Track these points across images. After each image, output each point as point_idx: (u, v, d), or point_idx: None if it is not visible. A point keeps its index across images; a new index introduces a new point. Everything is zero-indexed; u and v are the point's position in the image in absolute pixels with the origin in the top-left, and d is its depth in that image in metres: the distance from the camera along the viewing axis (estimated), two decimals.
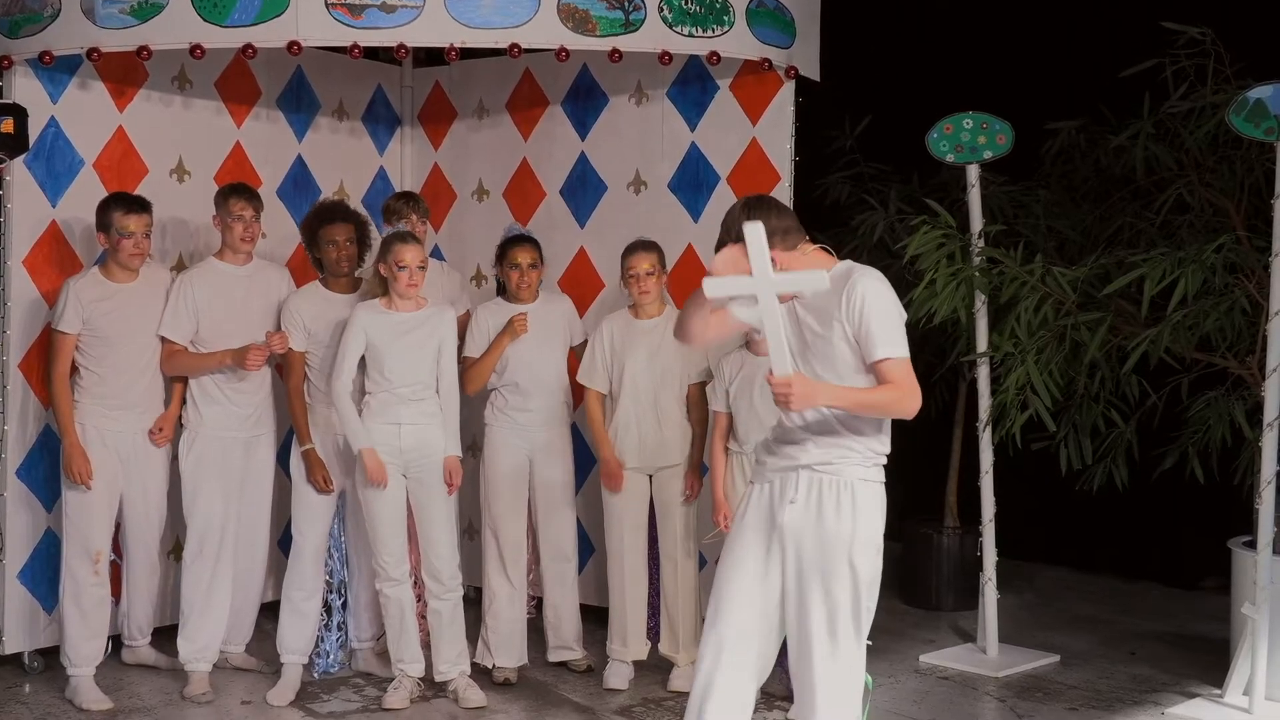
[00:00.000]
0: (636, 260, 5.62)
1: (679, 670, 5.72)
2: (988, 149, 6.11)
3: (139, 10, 5.41)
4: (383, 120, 7.13)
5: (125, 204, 5.47)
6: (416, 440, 5.42)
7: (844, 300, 3.74)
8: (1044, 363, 5.74)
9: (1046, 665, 6.15)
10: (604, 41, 5.69)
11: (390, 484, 5.41)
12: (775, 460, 3.88)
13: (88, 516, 5.50)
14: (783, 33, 6.05)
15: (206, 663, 5.65)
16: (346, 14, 5.45)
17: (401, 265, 5.33)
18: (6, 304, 5.67)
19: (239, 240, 5.62)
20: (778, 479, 3.87)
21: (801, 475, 3.81)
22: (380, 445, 5.39)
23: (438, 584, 5.50)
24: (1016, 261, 5.83)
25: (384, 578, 5.48)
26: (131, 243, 5.44)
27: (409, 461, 5.43)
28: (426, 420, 5.44)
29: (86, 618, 5.51)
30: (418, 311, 5.43)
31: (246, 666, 5.90)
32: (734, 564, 3.88)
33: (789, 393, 3.57)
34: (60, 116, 5.81)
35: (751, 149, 6.18)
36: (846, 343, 3.75)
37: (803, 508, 3.79)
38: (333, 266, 5.66)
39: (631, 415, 5.64)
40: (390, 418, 5.40)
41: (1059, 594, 7.54)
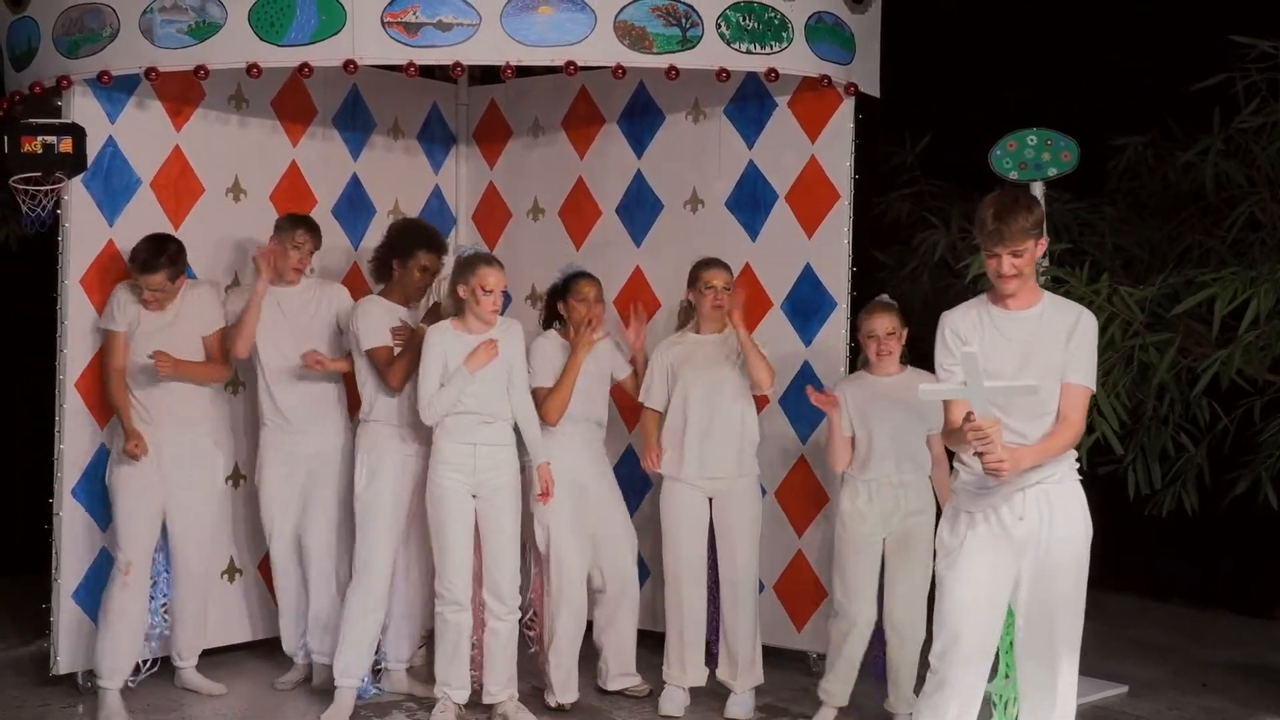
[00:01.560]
0: (714, 274, 5.58)
1: (735, 698, 5.61)
2: (1052, 166, 5.99)
3: (197, 30, 5.43)
4: (438, 139, 7.12)
5: (140, 262, 5.49)
6: (491, 461, 5.37)
7: (1073, 327, 4.16)
8: (1111, 385, 5.62)
9: (1115, 696, 5.99)
10: (661, 59, 5.63)
11: (459, 506, 5.35)
12: (1001, 487, 4.15)
13: (127, 527, 5.53)
14: (842, 49, 5.97)
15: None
16: (403, 32, 5.43)
17: (486, 289, 5.29)
18: (64, 323, 5.69)
19: (291, 269, 5.69)
20: (1005, 504, 4.17)
21: (1029, 493, 4.15)
22: (454, 465, 5.34)
23: (499, 604, 5.44)
24: (1082, 281, 5.71)
25: (446, 600, 5.41)
26: (149, 295, 5.53)
27: (481, 482, 5.37)
28: (500, 441, 5.39)
29: (112, 629, 5.51)
30: (489, 331, 5.38)
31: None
32: (968, 586, 4.19)
33: (1003, 467, 4.01)
34: (118, 136, 5.83)
35: (810, 167, 6.10)
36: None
37: (1038, 519, 4.15)
38: (413, 291, 5.69)
39: (687, 431, 5.56)
40: (466, 438, 5.34)
41: (1127, 622, 7.36)
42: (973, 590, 4.18)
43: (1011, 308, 4.20)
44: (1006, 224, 4.07)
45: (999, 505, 4.18)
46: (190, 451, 5.66)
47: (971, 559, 4.20)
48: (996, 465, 4.00)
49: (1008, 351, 4.16)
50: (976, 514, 4.22)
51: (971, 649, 4.19)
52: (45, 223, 5.64)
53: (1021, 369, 4.12)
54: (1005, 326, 4.19)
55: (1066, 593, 4.21)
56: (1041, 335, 4.16)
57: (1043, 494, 4.16)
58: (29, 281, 6.61)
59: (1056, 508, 4.17)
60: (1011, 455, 4.02)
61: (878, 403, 5.33)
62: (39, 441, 5.89)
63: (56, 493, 5.70)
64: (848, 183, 6.00)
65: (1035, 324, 4.17)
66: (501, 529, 5.42)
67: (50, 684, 5.80)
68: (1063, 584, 4.19)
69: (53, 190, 5.59)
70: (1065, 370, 4.13)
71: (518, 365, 5.45)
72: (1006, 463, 3.99)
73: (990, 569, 4.18)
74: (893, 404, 5.29)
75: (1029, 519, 4.15)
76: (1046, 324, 4.17)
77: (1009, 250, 4.09)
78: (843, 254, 6.01)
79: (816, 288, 6.03)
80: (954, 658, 4.20)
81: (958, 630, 4.19)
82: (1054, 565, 4.17)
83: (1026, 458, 4.07)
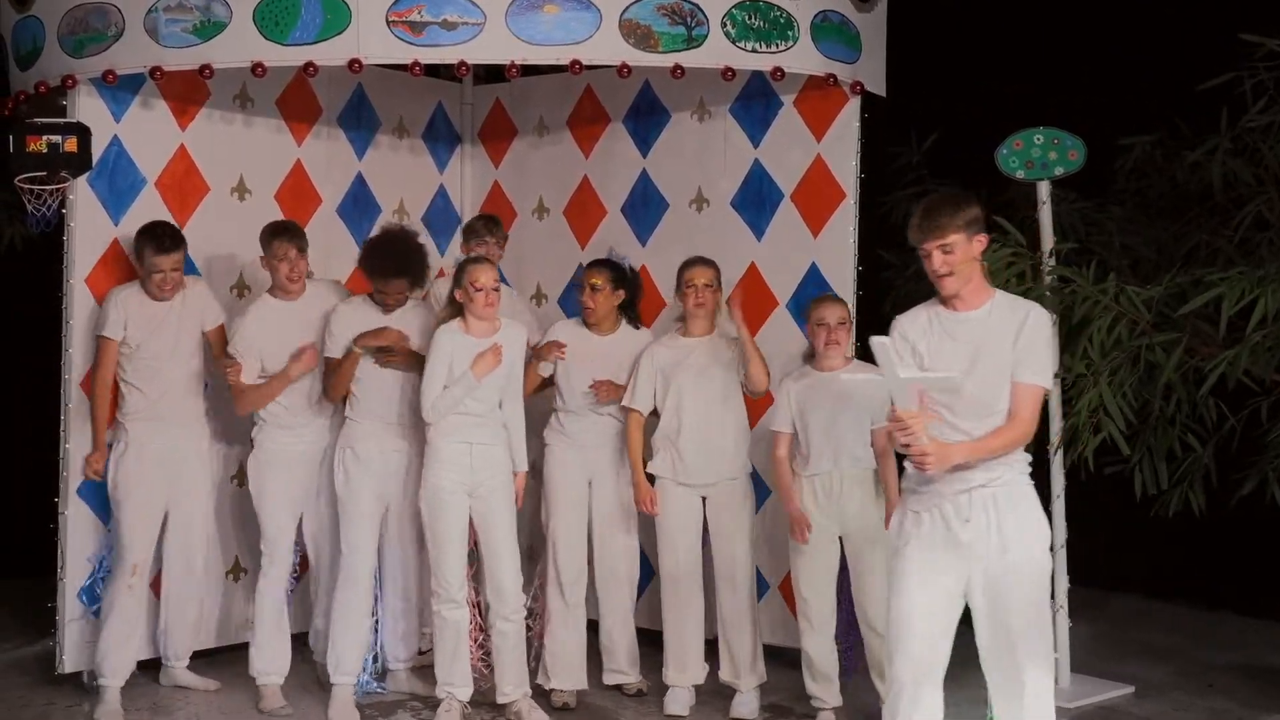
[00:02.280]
0: (696, 273, 5.55)
1: (740, 697, 5.61)
2: (1059, 165, 5.97)
3: (201, 29, 5.42)
4: (443, 138, 7.11)
5: (156, 241, 5.49)
6: (486, 460, 5.38)
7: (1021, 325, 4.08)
8: (1117, 384, 5.59)
9: (1120, 696, 5.98)
10: (666, 58, 5.62)
11: (455, 504, 5.35)
12: (944, 486, 4.10)
13: (129, 529, 5.52)
14: (848, 47, 5.95)
15: (279, 675, 5.63)
16: (408, 31, 5.42)
17: (478, 287, 5.29)
18: (69, 322, 5.70)
19: (285, 280, 5.62)
20: (949, 503, 4.10)
21: (975, 495, 4.08)
22: (450, 464, 5.34)
23: (503, 604, 5.44)
24: (1089, 280, 5.69)
25: (443, 598, 5.41)
26: (160, 278, 5.50)
27: (478, 482, 5.38)
28: (495, 440, 5.40)
29: (115, 628, 5.51)
30: (495, 335, 5.38)
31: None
32: (914, 586, 4.13)
33: (928, 462, 3.95)
34: (123, 135, 5.83)
35: (816, 166, 6.08)
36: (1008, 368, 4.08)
37: (985, 524, 4.07)
38: (394, 302, 5.60)
39: (680, 433, 5.55)
40: (463, 438, 5.34)
41: (1133, 623, 7.34)
42: (911, 599, 4.12)
43: (959, 309, 4.14)
44: (930, 218, 4.03)
45: (943, 504, 4.10)
46: (194, 451, 5.68)
47: (915, 560, 4.13)
48: (920, 458, 3.93)
49: (956, 353, 4.09)
50: (922, 513, 4.15)
51: (919, 656, 4.12)
52: (50, 222, 5.65)
53: (970, 371, 4.06)
54: (952, 328, 4.13)
55: (1022, 602, 4.08)
56: (989, 335, 4.08)
57: (989, 497, 4.07)
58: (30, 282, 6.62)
59: (1004, 512, 4.07)
60: (940, 449, 3.95)
61: (815, 395, 5.35)
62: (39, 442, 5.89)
63: (62, 492, 5.71)
64: (853, 182, 5.99)
65: (983, 324, 4.10)
66: (498, 528, 5.42)
67: (55, 683, 5.81)
68: (1017, 593, 4.07)
69: (58, 189, 5.59)
70: (1014, 368, 4.04)
71: (516, 368, 5.46)
72: (931, 456, 3.92)
73: (935, 571, 4.10)
74: (831, 397, 5.29)
75: (974, 522, 4.06)
76: (995, 323, 4.09)
77: (936, 245, 4.03)
78: (848, 253, 6.00)
79: (822, 287, 6.01)
80: (903, 665, 4.14)
81: (900, 638, 4.14)
82: (1006, 573, 4.06)
83: (958, 453, 4.00)
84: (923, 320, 4.20)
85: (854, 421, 5.28)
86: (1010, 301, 4.18)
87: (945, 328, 4.14)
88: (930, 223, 4.04)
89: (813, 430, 5.33)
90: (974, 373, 4.06)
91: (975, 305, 4.13)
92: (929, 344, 4.14)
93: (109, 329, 5.52)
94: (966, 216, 4.07)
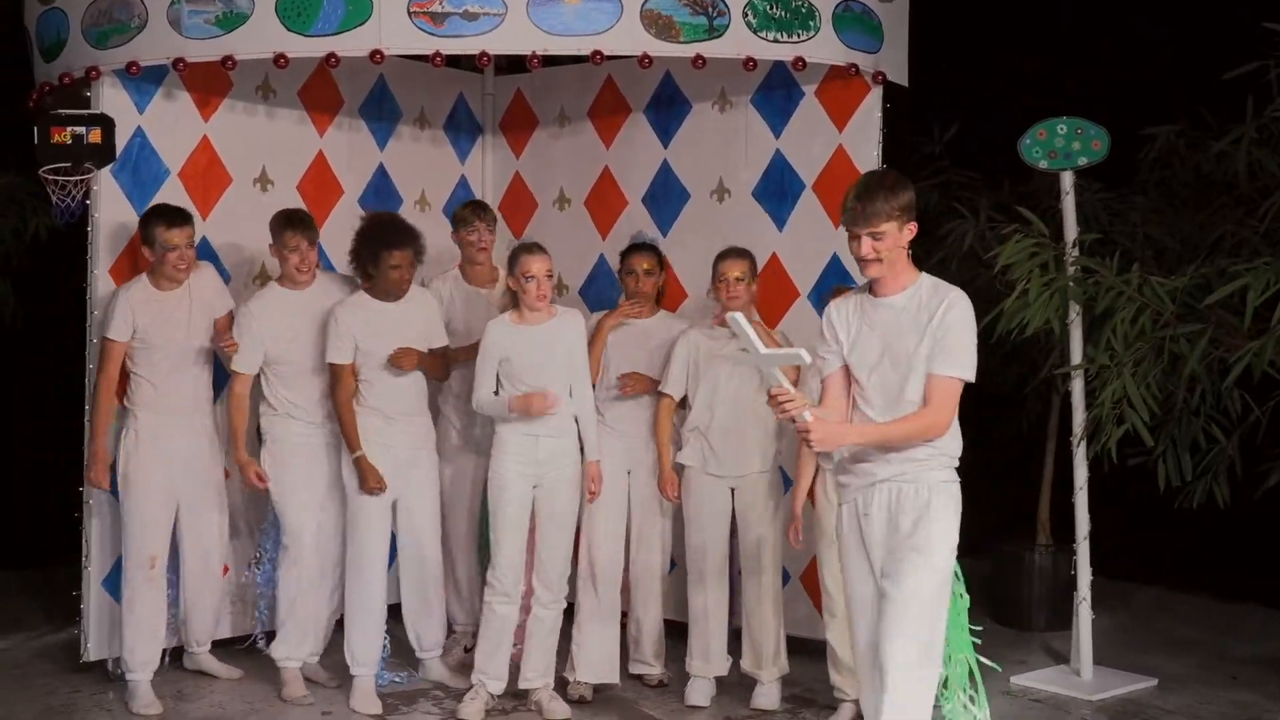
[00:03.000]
0: (728, 266, 5.53)
1: (762, 688, 5.61)
2: (1083, 155, 5.94)
3: (224, 20, 5.43)
4: (464, 128, 7.11)
5: (167, 217, 5.49)
6: (551, 452, 5.37)
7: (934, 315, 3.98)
8: (1141, 376, 5.57)
9: (1143, 689, 5.96)
10: (687, 48, 5.61)
11: (518, 496, 5.34)
12: (854, 479, 4.10)
13: (142, 522, 5.53)
14: (870, 37, 5.93)
15: (297, 662, 5.66)
16: (429, 22, 5.42)
17: (529, 276, 5.28)
18: (94, 312, 5.72)
19: (294, 270, 5.61)
20: (860, 496, 4.08)
21: (877, 490, 4.04)
22: (516, 456, 5.35)
23: (547, 592, 5.45)
24: (1112, 271, 5.67)
25: (496, 590, 5.41)
26: (176, 255, 5.47)
27: (543, 473, 5.37)
28: (562, 432, 5.39)
29: (141, 623, 5.53)
30: (548, 322, 5.37)
31: (315, 678, 5.87)
32: (849, 580, 4.15)
33: (810, 437, 3.85)
34: (146, 126, 5.86)
35: (837, 156, 6.07)
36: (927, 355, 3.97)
37: (882, 520, 4.03)
38: (394, 289, 5.55)
39: (711, 424, 5.55)
40: (529, 430, 5.33)
41: (1156, 615, 7.32)
42: (849, 592, 4.15)
43: (879, 294, 4.06)
44: (865, 203, 3.93)
45: (856, 497, 4.09)
46: (205, 440, 5.67)
47: (845, 554, 4.14)
48: (804, 434, 3.83)
49: (871, 340, 4.03)
50: (843, 505, 4.15)
51: (862, 648, 4.12)
52: (75, 213, 5.67)
53: (881, 358, 4.00)
54: (871, 314, 4.05)
55: (896, 607, 3.94)
56: (901, 322, 3.99)
57: (892, 492, 4.00)
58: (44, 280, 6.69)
59: (904, 511, 3.98)
60: (824, 427, 3.85)
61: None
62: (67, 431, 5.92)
63: (86, 481, 5.72)
64: None
65: (898, 311, 4.01)
66: (558, 519, 5.42)
67: (81, 671, 5.85)
68: (893, 595, 3.95)
69: (82, 181, 5.62)
70: (929, 359, 3.95)
71: (578, 358, 5.43)
72: (815, 433, 3.81)
73: (861, 563, 4.08)
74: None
75: (872, 517, 4.03)
76: (911, 310, 3.99)
77: (867, 231, 3.94)
78: None
79: (844, 278, 5.98)
80: (858, 654, 4.17)
81: (853, 631, 4.19)
82: (889, 575, 3.98)
83: (852, 434, 3.97)
84: (850, 307, 4.13)
85: None
86: (934, 287, 4.05)
87: (865, 314, 4.07)
88: (865, 208, 3.92)
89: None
90: (882, 360, 4.00)
91: (896, 291, 4.04)
92: (849, 332, 4.07)
93: (114, 330, 5.48)
94: (901, 203, 3.95)
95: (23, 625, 6.69)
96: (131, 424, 5.56)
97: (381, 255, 5.48)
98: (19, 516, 7.63)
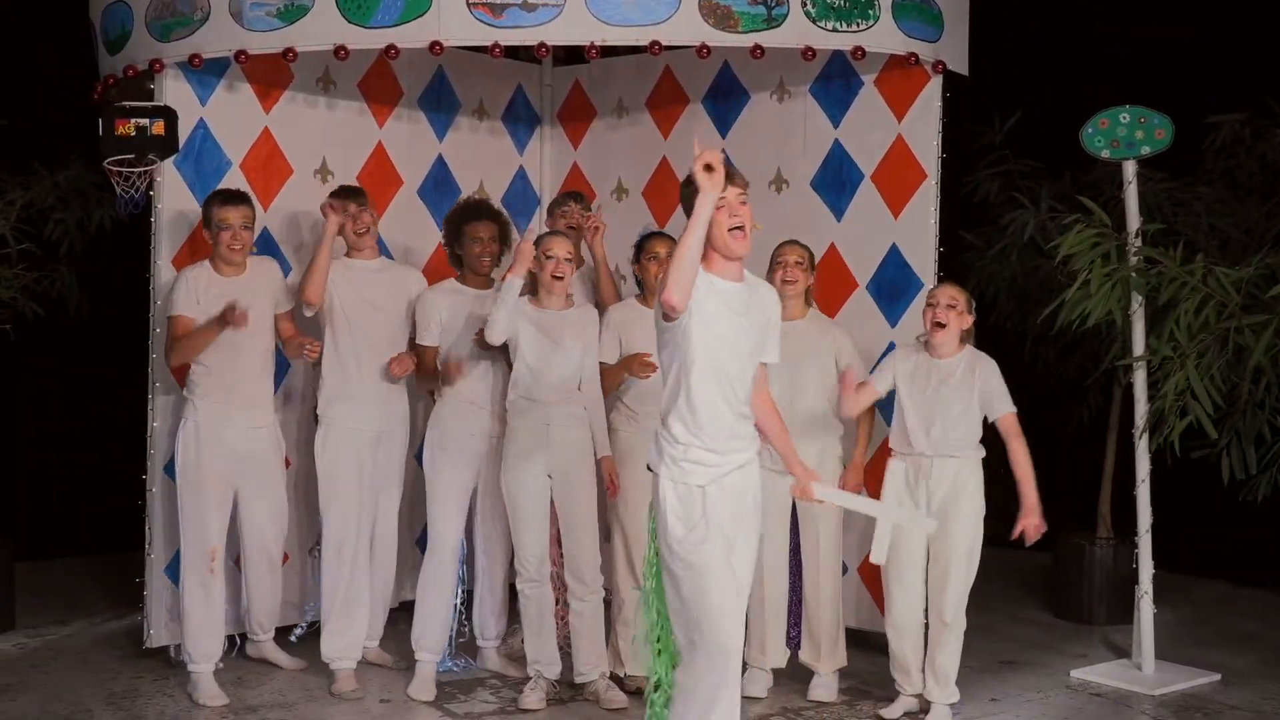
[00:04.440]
0: (786, 250, 5.53)
1: (819, 679, 5.60)
2: (1146, 144, 5.87)
3: (285, 13, 5.47)
4: (522, 119, 7.13)
5: (223, 196, 5.55)
6: (564, 440, 5.39)
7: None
8: (1205, 367, 5.50)
9: (1206, 684, 5.89)
10: (746, 38, 5.60)
11: (535, 483, 5.38)
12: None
13: (200, 513, 5.56)
14: (930, 26, 5.89)
15: (351, 660, 5.68)
16: (488, 13, 5.44)
17: (549, 255, 5.33)
18: (156, 302, 5.78)
19: (352, 234, 5.66)
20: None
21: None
22: (528, 445, 5.36)
23: (580, 585, 5.47)
24: (1176, 261, 5.60)
25: (525, 577, 5.45)
26: (230, 234, 5.49)
27: (554, 463, 5.40)
28: (573, 422, 5.41)
29: (203, 614, 5.57)
30: (566, 310, 5.40)
31: (380, 662, 5.93)
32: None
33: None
34: (209, 118, 5.91)
35: (897, 146, 6.03)
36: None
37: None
38: (474, 263, 5.64)
39: None
40: (541, 419, 5.36)
41: (1219, 609, 7.23)
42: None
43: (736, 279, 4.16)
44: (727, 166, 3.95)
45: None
46: (265, 429, 5.69)
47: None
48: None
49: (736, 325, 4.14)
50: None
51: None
52: (138, 205, 5.72)
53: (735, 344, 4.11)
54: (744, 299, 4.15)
55: None
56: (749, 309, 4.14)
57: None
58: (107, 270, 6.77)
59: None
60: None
61: (919, 377, 5.29)
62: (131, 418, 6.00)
63: (149, 470, 5.81)
64: (935, 162, 5.93)
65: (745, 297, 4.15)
66: (576, 509, 5.44)
67: (144, 656, 5.93)
68: None
69: (145, 172, 5.68)
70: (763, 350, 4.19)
71: (591, 351, 5.45)
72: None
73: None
74: (935, 382, 5.24)
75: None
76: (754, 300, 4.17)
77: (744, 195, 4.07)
78: (929, 234, 5.94)
79: (903, 269, 5.96)
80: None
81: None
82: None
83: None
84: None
85: (954, 408, 5.21)
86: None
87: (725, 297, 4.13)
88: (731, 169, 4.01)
89: (909, 411, 5.26)
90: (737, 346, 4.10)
91: (742, 278, 4.18)
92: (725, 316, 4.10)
93: (182, 306, 5.51)
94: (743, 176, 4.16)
95: (86, 611, 6.80)
96: (191, 414, 5.56)
97: (465, 230, 5.61)
98: (83, 504, 7.74)
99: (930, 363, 5.27)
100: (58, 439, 7.83)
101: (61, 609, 6.84)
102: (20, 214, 6.55)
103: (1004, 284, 7.00)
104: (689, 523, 4.07)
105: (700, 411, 4.06)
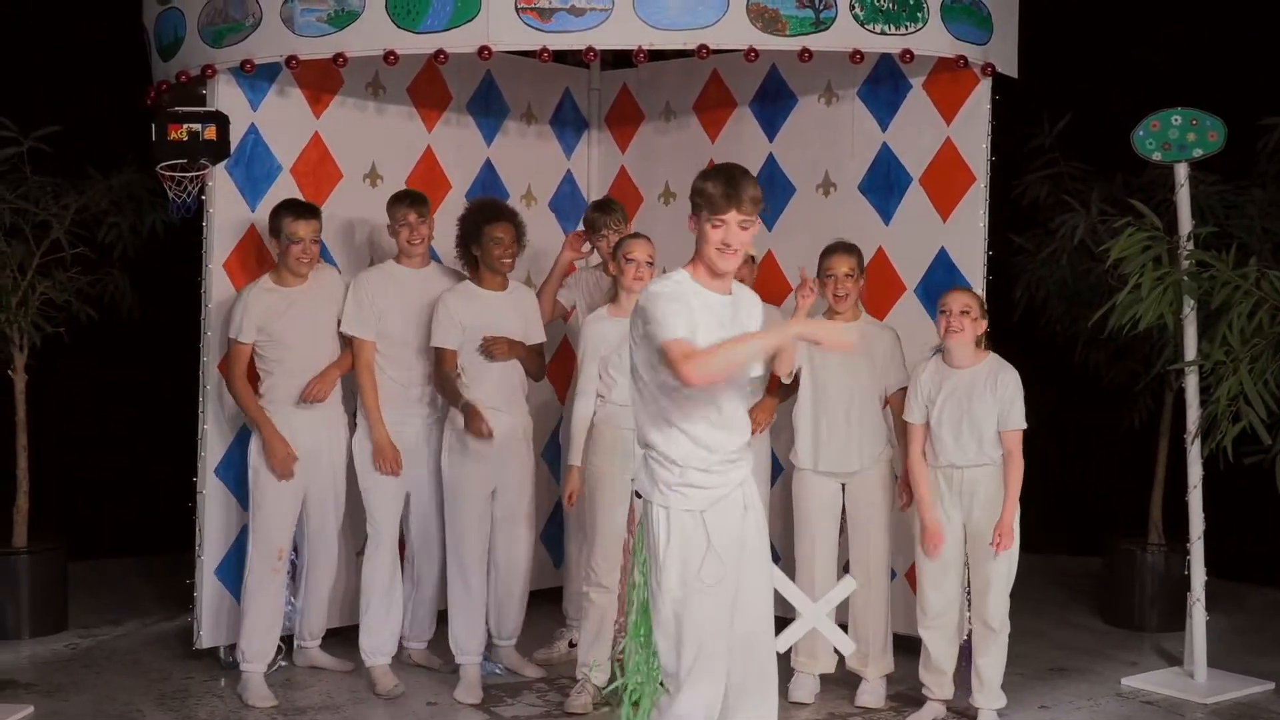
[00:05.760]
0: (835, 262, 5.48)
1: (867, 685, 5.57)
2: (1198, 146, 5.81)
3: (335, 18, 5.52)
4: (570, 123, 7.15)
5: (295, 210, 5.59)
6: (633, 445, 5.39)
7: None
8: (1259, 372, 5.44)
9: (1260, 693, 5.82)
10: (794, 41, 5.59)
11: (616, 491, 5.35)
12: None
13: (272, 515, 5.60)
14: (979, 28, 5.86)
15: (385, 656, 5.72)
16: (536, 18, 5.46)
17: (629, 259, 5.35)
18: (208, 306, 5.84)
19: (406, 244, 5.71)
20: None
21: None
22: (610, 450, 5.39)
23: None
24: (1229, 265, 5.54)
25: (593, 582, 5.45)
26: (300, 248, 5.55)
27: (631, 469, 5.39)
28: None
29: (262, 615, 5.61)
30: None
31: (428, 664, 5.95)
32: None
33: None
34: (260, 123, 5.96)
35: (945, 149, 6.00)
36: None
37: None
38: (495, 264, 5.63)
39: (821, 421, 5.51)
40: (626, 423, 5.29)
41: (1272, 616, 7.14)
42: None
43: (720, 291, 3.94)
44: (744, 189, 3.82)
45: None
46: (332, 434, 5.74)
47: None
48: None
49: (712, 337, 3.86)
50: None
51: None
52: (190, 209, 5.79)
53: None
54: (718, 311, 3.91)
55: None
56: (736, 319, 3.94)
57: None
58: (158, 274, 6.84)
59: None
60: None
61: (943, 386, 5.24)
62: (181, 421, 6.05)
63: (200, 471, 5.86)
64: (984, 165, 5.89)
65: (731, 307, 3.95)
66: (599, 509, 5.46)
67: (193, 658, 5.98)
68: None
69: (197, 177, 5.74)
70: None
71: None
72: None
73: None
74: (960, 390, 5.20)
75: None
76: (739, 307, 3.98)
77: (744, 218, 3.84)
78: (978, 237, 5.90)
79: (951, 272, 5.93)
80: None
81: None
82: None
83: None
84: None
85: (980, 416, 5.18)
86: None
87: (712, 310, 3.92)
88: (743, 192, 3.83)
89: (936, 423, 5.23)
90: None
91: (729, 290, 3.98)
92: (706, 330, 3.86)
93: (242, 333, 5.55)
94: (759, 195, 3.89)
95: (137, 612, 6.88)
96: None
97: (484, 229, 5.61)
98: (134, 504, 7.82)
99: (951, 372, 5.24)
100: (111, 440, 7.91)
101: (114, 609, 6.92)
102: (75, 218, 6.64)
103: (1054, 287, 6.95)
104: (687, 549, 3.85)
105: (693, 431, 3.85)
